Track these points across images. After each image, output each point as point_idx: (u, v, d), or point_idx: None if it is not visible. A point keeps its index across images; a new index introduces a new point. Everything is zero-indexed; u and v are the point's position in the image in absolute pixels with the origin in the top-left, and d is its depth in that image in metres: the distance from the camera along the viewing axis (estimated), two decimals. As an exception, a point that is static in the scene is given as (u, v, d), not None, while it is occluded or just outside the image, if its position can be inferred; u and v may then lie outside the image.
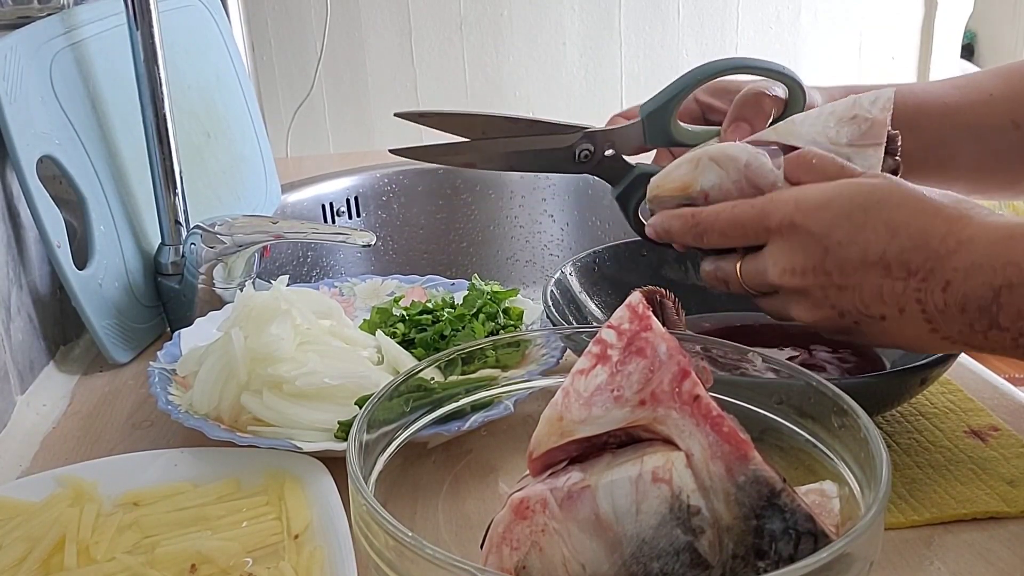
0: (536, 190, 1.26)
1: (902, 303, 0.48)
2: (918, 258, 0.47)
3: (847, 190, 0.50)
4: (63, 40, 0.79)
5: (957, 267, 0.46)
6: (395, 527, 0.37)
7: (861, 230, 0.49)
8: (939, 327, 0.48)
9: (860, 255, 0.49)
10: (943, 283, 0.47)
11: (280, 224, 0.81)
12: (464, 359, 0.55)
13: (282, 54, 1.92)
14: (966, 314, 0.47)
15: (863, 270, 0.49)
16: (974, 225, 0.47)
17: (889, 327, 0.50)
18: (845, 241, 0.49)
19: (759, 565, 0.38)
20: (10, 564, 0.50)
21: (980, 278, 0.46)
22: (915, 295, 0.48)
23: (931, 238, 0.47)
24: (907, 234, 0.48)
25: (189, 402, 0.64)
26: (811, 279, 0.51)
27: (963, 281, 0.46)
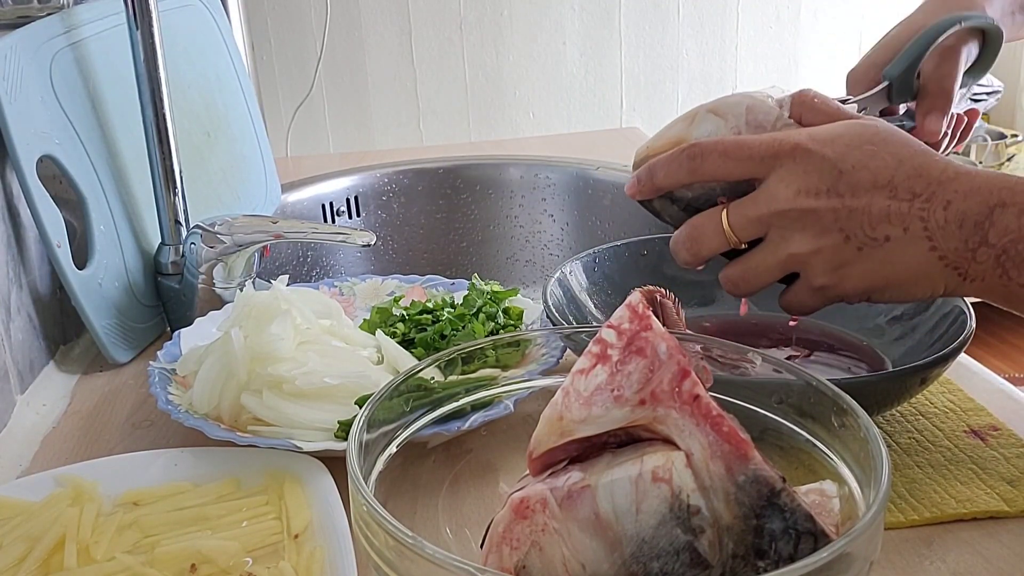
0: (536, 190, 1.26)
1: (907, 222, 0.52)
2: (922, 183, 0.52)
3: (856, 127, 0.54)
4: (63, 40, 0.79)
5: (958, 189, 0.51)
6: (395, 527, 0.37)
7: (872, 158, 0.53)
8: (938, 244, 0.52)
9: (871, 178, 0.52)
10: (944, 202, 0.51)
11: (280, 224, 0.81)
12: (464, 359, 0.55)
13: (282, 54, 1.92)
14: (963, 230, 0.51)
15: (873, 191, 0.52)
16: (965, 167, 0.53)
17: (892, 249, 0.53)
18: (858, 165, 0.52)
19: (759, 565, 0.38)
20: (10, 564, 0.50)
21: (977, 197, 0.51)
22: (919, 213, 0.52)
23: (932, 168, 0.52)
24: (912, 164, 0.52)
25: (189, 402, 0.64)
26: (824, 200, 0.53)
27: (963, 200, 0.51)
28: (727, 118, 0.57)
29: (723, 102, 0.57)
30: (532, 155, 1.32)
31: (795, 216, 0.53)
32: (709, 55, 2.12)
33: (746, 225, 0.55)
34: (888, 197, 0.52)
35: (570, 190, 1.25)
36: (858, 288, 0.54)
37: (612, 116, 2.10)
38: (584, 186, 1.24)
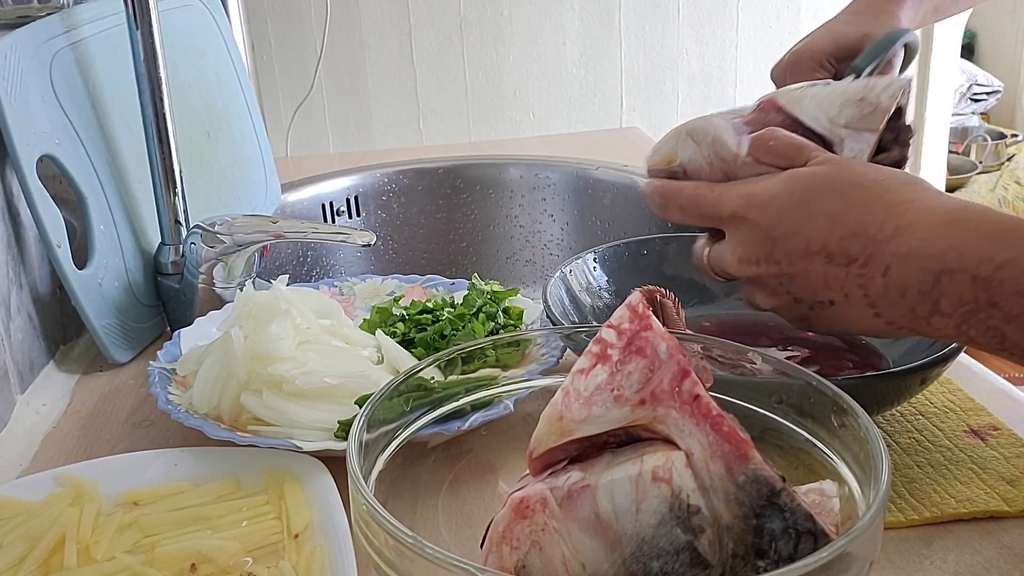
0: (536, 190, 1.26)
1: (846, 288, 0.50)
2: (857, 245, 0.49)
3: (790, 184, 0.52)
4: (63, 40, 0.79)
5: (895, 252, 0.47)
6: (395, 527, 0.37)
7: (804, 222, 0.51)
8: (882, 312, 0.49)
9: (804, 245, 0.51)
10: (883, 268, 0.48)
11: (280, 224, 0.81)
12: (464, 359, 0.55)
13: (282, 54, 1.92)
14: (907, 298, 0.47)
15: (808, 259, 0.51)
16: (915, 210, 0.48)
17: (837, 312, 0.51)
18: (790, 232, 0.51)
19: (759, 564, 0.38)
20: (10, 564, 0.50)
21: (918, 263, 0.46)
22: (857, 280, 0.49)
23: (869, 226, 0.48)
24: (846, 223, 0.49)
25: (189, 401, 0.64)
26: (764, 268, 0.53)
27: (901, 266, 0.47)
28: (700, 145, 0.58)
29: (698, 127, 0.59)
30: (532, 155, 1.32)
31: (746, 279, 0.55)
32: (709, 55, 2.12)
33: (721, 273, 0.57)
34: (824, 263, 0.50)
35: (570, 190, 1.25)
36: (830, 332, 0.55)
37: (612, 116, 2.10)
38: (584, 186, 1.24)
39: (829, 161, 0.53)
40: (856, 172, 0.51)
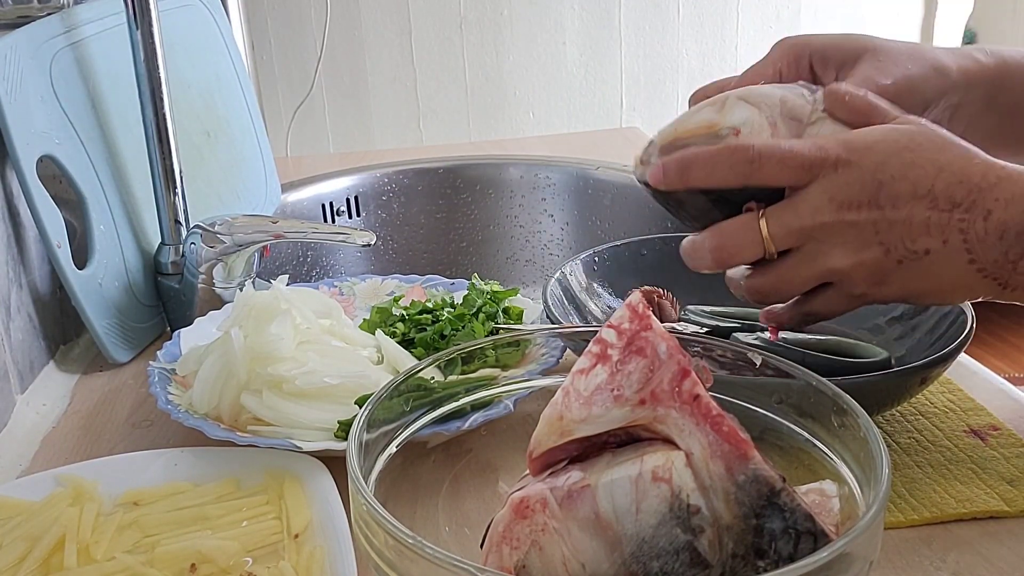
0: (536, 190, 1.26)
1: (946, 234, 0.51)
2: (962, 191, 0.51)
3: (893, 133, 0.53)
4: (63, 40, 0.79)
5: (998, 198, 0.50)
6: (395, 527, 0.37)
7: (911, 167, 0.51)
8: (977, 257, 0.51)
9: (911, 189, 0.51)
10: (985, 212, 0.50)
11: (280, 224, 0.81)
12: (464, 359, 0.55)
13: (282, 54, 1.92)
14: (1004, 241, 0.50)
15: (913, 202, 0.51)
16: (1010, 167, 0.51)
17: (931, 262, 0.52)
18: (898, 176, 0.51)
19: (759, 564, 0.38)
20: (10, 563, 0.50)
21: (1020, 206, 0.50)
22: (959, 225, 0.51)
23: (973, 174, 0.51)
24: (951, 171, 0.51)
25: (189, 402, 0.64)
26: (865, 213, 0.52)
27: (1003, 210, 0.50)
28: (760, 107, 0.55)
29: (754, 91, 0.56)
30: (532, 155, 1.32)
31: (837, 229, 0.52)
32: (709, 55, 2.12)
33: (786, 236, 0.53)
34: (928, 208, 0.51)
35: (570, 190, 1.25)
36: (895, 297, 0.54)
37: (612, 116, 2.10)
38: (584, 186, 1.24)
39: (917, 121, 0.54)
40: (948, 133, 0.53)
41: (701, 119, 0.56)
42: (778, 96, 0.55)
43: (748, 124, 0.54)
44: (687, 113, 0.57)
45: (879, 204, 0.51)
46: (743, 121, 0.54)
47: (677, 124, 0.57)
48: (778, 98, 0.55)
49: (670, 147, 0.56)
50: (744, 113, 0.55)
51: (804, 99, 0.56)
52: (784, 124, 0.55)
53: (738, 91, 0.56)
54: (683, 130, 0.56)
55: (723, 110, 0.55)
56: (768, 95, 0.55)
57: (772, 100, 0.55)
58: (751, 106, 0.55)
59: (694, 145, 0.55)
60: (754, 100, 0.55)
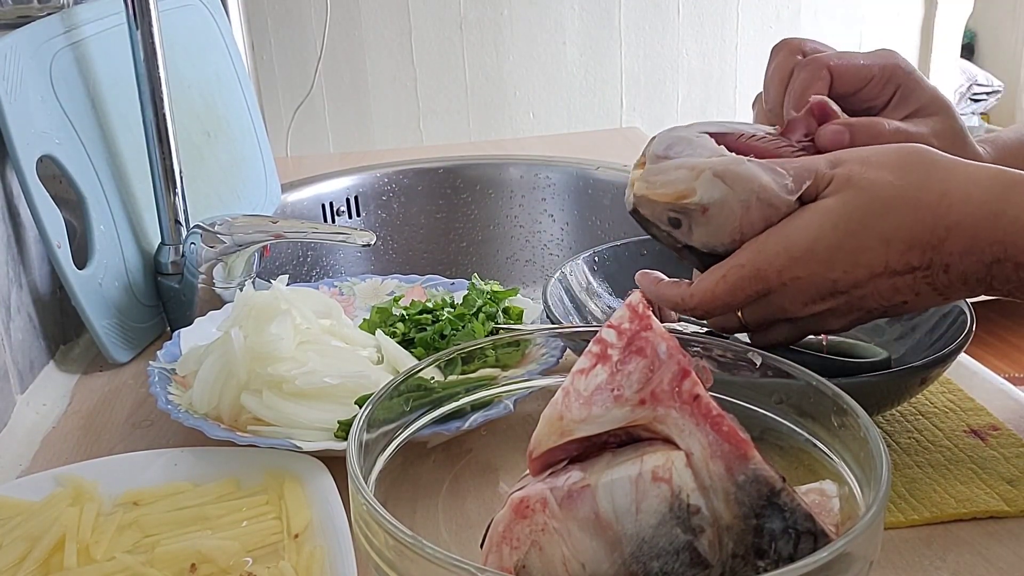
0: (536, 190, 1.26)
1: (916, 289, 0.53)
2: (916, 255, 0.52)
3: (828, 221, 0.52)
4: (63, 40, 0.79)
5: (952, 251, 0.51)
6: (395, 527, 0.37)
7: (859, 253, 0.52)
8: (949, 296, 0.54)
9: (867, 272, 0.52)
10: (944, 267, 0.52)
11: (280, 224, 0.81)
12: (464, 359, 0.55)
13: (282, 54, 1.92)
14: (967, 285, 0.52)
15: (873, 280, 0.53)
16: (956, 207, 0.51)
17: (911, 306, 0.55)
18: (848, 268, 0.52)
19: (759, 564, 0.38)
20: (10, 563, 0.50)
21: (973, 258, 0.51)
22: (924, 280, 0.52)
23: (921, 234, 0.51)
24: (899, 239, 0.51)
25: (189, 402, 0.64)
26: (831, 302, 0.54)
27: (960, 261, 0.51)
28: (735, 189, 0.54)
29: (730, 171, 0.54)
30: (532, 155, 1.32)
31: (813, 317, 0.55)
32: (709, 55, 2.12)
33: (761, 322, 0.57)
34: (889, 278, 0.52)
35: (570, 190, 1.25)
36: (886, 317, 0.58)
37: (612, 116, 2.10)
38: (584, 186, 1.24)
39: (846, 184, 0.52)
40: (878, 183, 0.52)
41: (674, 183, 0.55)
42: (757, 183, 0.54)
43: (719, 204, 0.54)
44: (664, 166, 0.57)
45: (841, 291, 0.53)
46: (713, 201, 0.54)
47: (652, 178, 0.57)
48: (757, 185, 0.54)
49: (643, 202, 0.57)
50: (716, 192, 0.54)
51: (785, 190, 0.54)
52: (758, 209, 0.54)
53: (715, 165, 0.55)
54: (656, 194, 0.56)
55: (698, 182, 0.55)
56: (748, 179, 0.54)
57: (750, 185, 0.54)
58: (726, 186, 0.54)
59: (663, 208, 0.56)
60: (730, 180, 0.54)
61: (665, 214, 0.56)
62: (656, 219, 0.57)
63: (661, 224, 0.57)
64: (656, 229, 0.58)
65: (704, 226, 0.55)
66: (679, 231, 0.56)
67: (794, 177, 0.54)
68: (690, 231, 0.56)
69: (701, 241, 0.56)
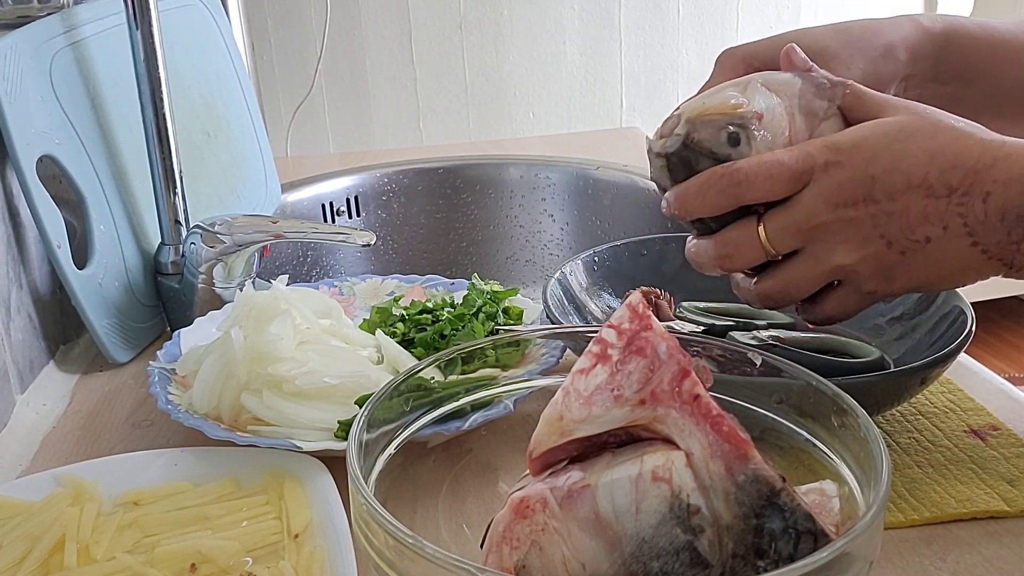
0: (536, 190, 1.26)
1: (946, 220, 0.51)
2: (957, 176, 0.50)
3: (882, 126, 0.52)
4: (63, 40, 0.79)
5: (996, 179, 0.49)
6: (395, 527, 0.37)
7: (902, 158, 0.51)
8: (979, 239, 0.51)
9: (904, 180, 0.51)
10: (983, 195, 0.50)
11: (280, 224, 0.81)
12: (464, 359, 0.55)
13: (282, 54, 1.92)
14: (1005, 223, 0.50)
15: (908, 193, 0.51)
16: (1009, 144, 0.50)
17: (934, 249, 0.52)
18: (889, 168, 0.51)
19: (759, 564, 0.38)
20: (10, 563, 0.50)
21: (1018, 188, 0.49)
22: (957, 209, 0.50)
23: (968, 157, 0.50)
24: (944, 156, 0.50)
25: (189, 402, 0.64)
26: (862, 209, 0.52)
27: (1002, 192, 0.49)
28: (781, 96, 0.55)
29: (775, 78, 0.56)
30: (532, 155, 1.32)
31: (836, 228, 0.53)
32: (709, 55, 2.12)
33: (786, 239, 0.54)
34: (925, 196, 0.51)
35: (570, 190, 1.25)
36: (905, 288, 0.54)
37: (612, 116, 2.10)
38: (584, 186, 1.24)
39: (909, 108, 0.53)
40: (942, 115, 0.53)
41: (727, 99, 0.55)
42: (797, 87, 0.55)
43: (770, 112, 0.55)
44: (711, 91, 0.57)
45: (874, 199, 0.52)
46: (766, 108, 0.55)
47: (704, 100, 0.56)
48: (797, 89, 0.55)
49: (697, 122, 0.55)
50: (766, 100, 0.55)
51: (821, 93, 0.55)
52: (800, 118, 0.55)
53: (759, 75, 0.56)
54: (711, 108, 0.55)
55: (747, 92, 0.55)
56: (788, 84, 0.56)
57: (792, 90, 0.55)
58: (773, 93, 0.55)
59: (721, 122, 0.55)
60: (775, 88, 0.55)
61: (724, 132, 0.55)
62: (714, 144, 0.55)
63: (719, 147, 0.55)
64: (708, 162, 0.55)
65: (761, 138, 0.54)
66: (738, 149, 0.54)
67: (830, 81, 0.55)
68: (749, 145, 0.54)
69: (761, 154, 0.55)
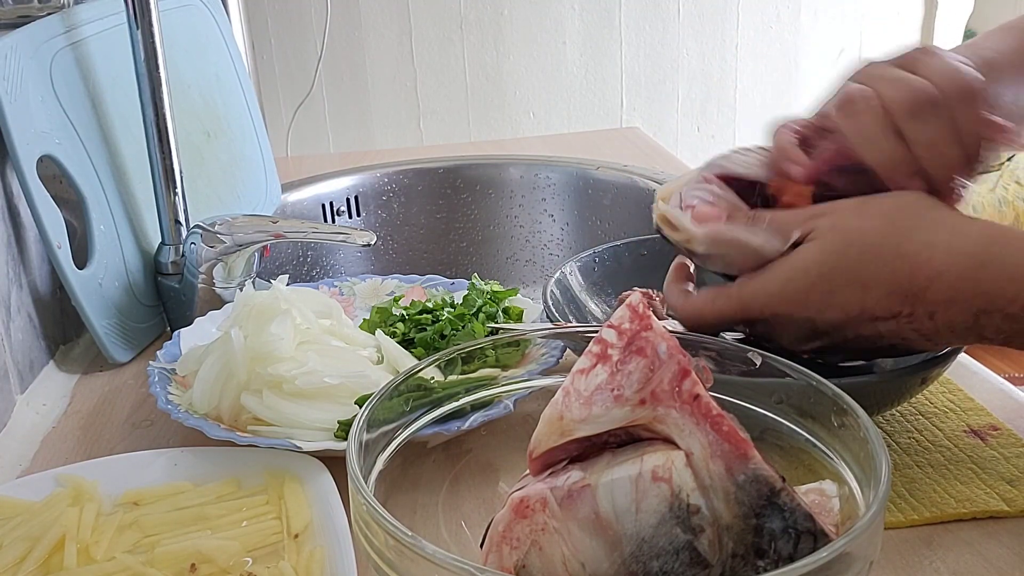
0: (536, 190, 1.26)
1: (901, 333, 0.52)
2: (896, 301, 0.51)
3: (801, 265, 0.52)
4: (63, 40, 0.79)
5: (936, 300, 0.50)
6: (395, 526, 0.37)
7: (832, 294, 0.52)
8: (937, 342, 0.53)
9: (842, 315, 0.52)
10: (929, 314, 0.50)
11: (280, 223, 0.81)
12: (464, 359, 0.55)
13: (282, 54, 1.92)
14: (955, 332, 0.51)
15: (853, 324, 0.52)
16: (938, 257, 0.50)
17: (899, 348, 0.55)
18: (824, 307, 0.52)
19: (759, 564, 0.38)
20: (10, 564, 0.50)
21: (959, 307, 0.50)
22: (908, 325, 0.51)
23: (901, 282, 0.50)
24: (876, 285, 0.51)
25: (189, 401, 0.64)
26: (817, 341, 0.54)
27: (945, 311, 0.50)
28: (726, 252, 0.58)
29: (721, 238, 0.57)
30: (532, 155, 1.32)
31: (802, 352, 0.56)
32: (709, 55, 2.12)
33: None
34: (871, 321, 0.52)
35: (570, 190, 1.25)
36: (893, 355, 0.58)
37: (612, 116, 2.10)
38: (584, 186, 1.24)
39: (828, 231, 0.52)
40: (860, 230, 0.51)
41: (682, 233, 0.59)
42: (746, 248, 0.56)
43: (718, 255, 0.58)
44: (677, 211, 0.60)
45: (824, 332, 0.53)
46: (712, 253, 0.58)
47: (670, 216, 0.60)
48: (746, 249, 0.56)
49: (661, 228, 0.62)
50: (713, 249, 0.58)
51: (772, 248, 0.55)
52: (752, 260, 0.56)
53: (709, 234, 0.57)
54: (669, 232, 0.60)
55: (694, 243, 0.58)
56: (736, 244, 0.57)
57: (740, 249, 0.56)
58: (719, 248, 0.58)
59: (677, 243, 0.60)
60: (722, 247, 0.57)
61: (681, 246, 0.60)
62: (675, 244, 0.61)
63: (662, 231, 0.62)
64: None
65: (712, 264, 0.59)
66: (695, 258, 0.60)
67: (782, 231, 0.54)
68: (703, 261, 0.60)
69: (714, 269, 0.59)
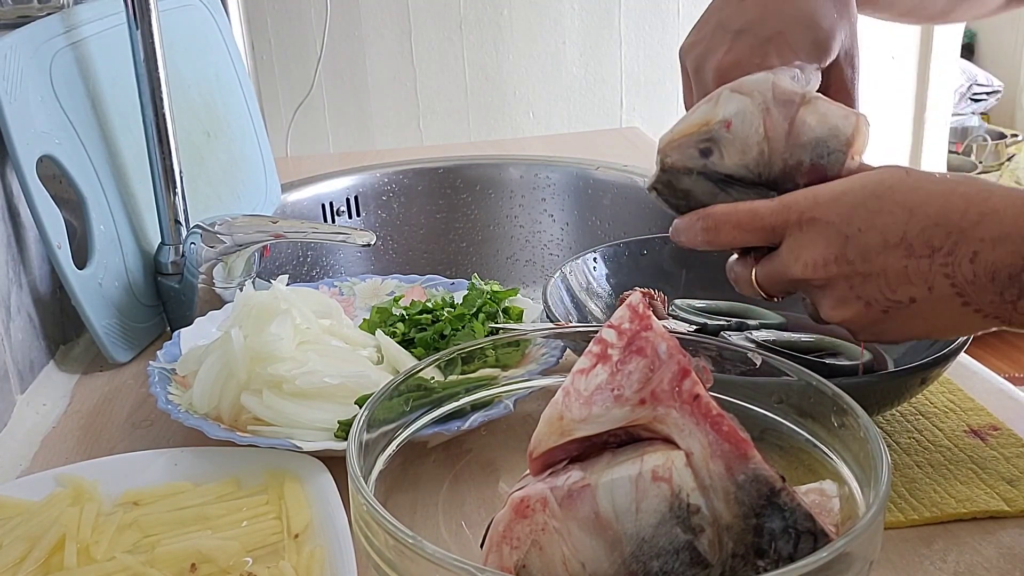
0: (536, 190, 1.26)
1: (930, 280, 0.47)
2: (940, 234, 0.47)
3: (860, 180, 0.50)
4: (63, 40, 0.79)
5: (984, 237, 0.46)
6: (395, 526, 0.37)
7: (878, 214, 0.48)
8: (970, 300, 0.47)
9: (880, 239, 0.48)
10: (970, 254, 0.46)
11: (280, 224, 0.81)
12: (464, 359, 0.55)
13: (282, 54, 1.92)
14: (996, 283, 0.46)
15: (885, 253, 0.48)
16: (996, 197, 0.47)
17: (920, 309, 0.49)
18: (864, 227, 0.48)
19: (759, 564, 0.38)
20: (10, 563, 0.50)
21: (1008, 247, 0.45)
22: (942, 270, 0.47)
23: (951, 213, 0.47)
24: (925, 212, 0.47)
25: (189, 401, 0.64)
26: (834, 269, 0.50)
27: (991, 251, 0.46)
28: (752, 96, 0.55)
29: (746, 80, 0.56)
30: (532, 155, 1.32)
31: (813, 286, 0.51)
32: (709, 55, 2.12)
33: (773, 287, 0.54)
34: (904, 256, 0.47)
35: (570, 190, 1.25)
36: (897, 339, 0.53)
37: (612, 116, 2.10)
38: (584, 186, 1.24)
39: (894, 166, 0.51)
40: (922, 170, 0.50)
41: (696, 117, 0.56)
42: (770, 82, 0.55)
43: (740, 115, 0.55)
44: (688, 113, 0.58)
45: (847, 259, 0.49)
46: (735, 112, 0.55)
47: (679, 124, 0.57)
48: (770, 83, 0.55)
49: (670, 147, 0.56)
50: (736, 104, 0.55)
51: (796, 80, 0.55)
52: (777, 109, 0.54)
53: (731, 83, 0.56)
54: (680, 130, 0.56)
55: (717, 105, 0.55)
56: (760, 82, 0.55)
57: (764, 86, 0.55)
58: (743, 96, 0.55)
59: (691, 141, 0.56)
60: (746, 90, 0.55)
61: (695, 148, 0.56)
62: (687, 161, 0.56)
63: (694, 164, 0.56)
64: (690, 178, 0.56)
65: (732, 143, 0.55)
66: (711, 159, 0.55)
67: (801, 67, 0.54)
68: (721, 155, 0.55)
69: (734, 161, 0.55)
